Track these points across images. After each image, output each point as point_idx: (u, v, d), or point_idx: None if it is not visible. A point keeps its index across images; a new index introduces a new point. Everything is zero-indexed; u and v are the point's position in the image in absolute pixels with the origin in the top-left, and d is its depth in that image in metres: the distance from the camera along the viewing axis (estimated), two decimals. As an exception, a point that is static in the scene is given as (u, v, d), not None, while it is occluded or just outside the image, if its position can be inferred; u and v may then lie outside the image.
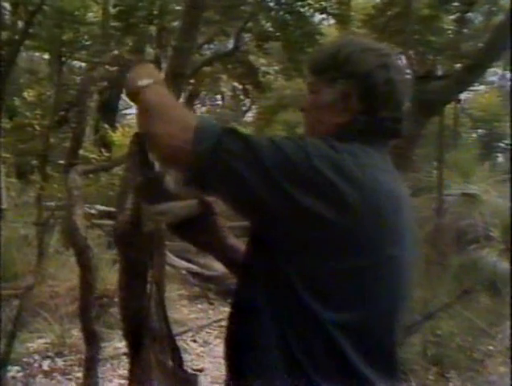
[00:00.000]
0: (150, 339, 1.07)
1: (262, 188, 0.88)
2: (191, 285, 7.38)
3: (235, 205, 0.93)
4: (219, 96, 17.36)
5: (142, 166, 1.04)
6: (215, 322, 5.49)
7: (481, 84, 19.31)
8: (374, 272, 0.90)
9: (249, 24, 5.83)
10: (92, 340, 1.21)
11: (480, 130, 14.17)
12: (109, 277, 3.99)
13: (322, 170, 0.89)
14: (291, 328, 0.89)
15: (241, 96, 12.62)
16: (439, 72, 6.95)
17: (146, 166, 1.05)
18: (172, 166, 0.99)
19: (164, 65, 3.22)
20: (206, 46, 9.09)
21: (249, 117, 18.41)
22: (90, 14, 6.86)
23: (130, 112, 12.79)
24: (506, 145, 12.25)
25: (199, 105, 19.02)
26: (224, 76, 9.03)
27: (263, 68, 8.66)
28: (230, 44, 6.35)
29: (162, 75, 1.06)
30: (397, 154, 1.16)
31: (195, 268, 7.82)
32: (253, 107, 16.96)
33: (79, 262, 1.22)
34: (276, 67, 9.81)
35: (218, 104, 18.13)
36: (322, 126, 1.04)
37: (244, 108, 17.58)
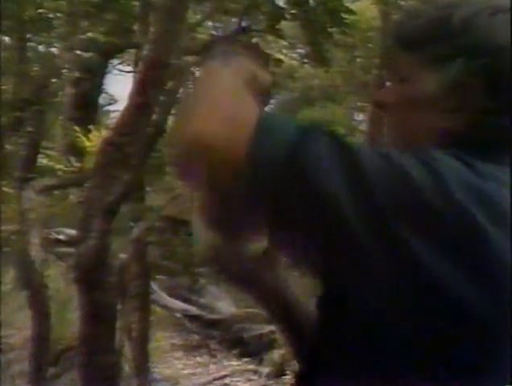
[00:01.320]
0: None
1: (362, 229, 0.69)
2: (187, 332, 7.51)
3: (311, 249, 0.74)
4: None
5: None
6: (217, 379, 5.57)
7: None
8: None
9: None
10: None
11: None
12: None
13: (469, 210, 0.71)
14: None
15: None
16: None
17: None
18: (223, 184, 0.73)
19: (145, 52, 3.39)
20: (210, 24, 9.32)
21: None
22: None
23: (114, 108, 12.91)
24: None
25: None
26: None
27: (282, 54, 8.84)
28: (235, 25, 6.56)
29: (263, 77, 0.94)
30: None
31: (193, 309, 7.96)
32: (272, 101, 17.19)
33: (32, 305, 1.27)
34: (301, 51, 9.95)
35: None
36: (418, 135, 0.87)
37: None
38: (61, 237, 6.04)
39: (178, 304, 7.71)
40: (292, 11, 6.45)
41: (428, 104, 0.88)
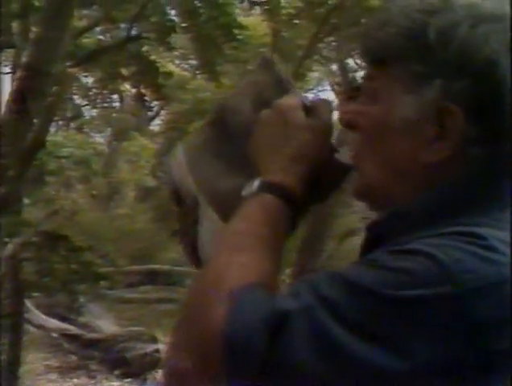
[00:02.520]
0: None
1: None
2: (65, 353, 7.19)
3: None
4: (117, 96, 17.26)
5: None
6: (96, 404, 5.37)
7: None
8: None
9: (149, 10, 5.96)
10: None
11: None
12: None
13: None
14: None
15: (147, 98, 12.66)
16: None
17: None
18: None
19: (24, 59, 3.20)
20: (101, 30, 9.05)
21: (157, 125, 18.44)
22: None
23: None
24: None
25: (88, 107, 18.80)
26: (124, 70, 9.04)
27: (174, 64, 8.75)
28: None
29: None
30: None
31: (72, 329, 7.63)
32: (163, 112, 17.01)
33: None
34: (194, 62, 9.92)
35: (115, 107, 18.01)
36: (398, 165, 0.77)
37: (150, 114, 17.58)
38: None
39: (55, 323, 7.35)
40: (183, 24, 6.44)
41: (405, 130, 0.76)
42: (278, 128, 0.84)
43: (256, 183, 0.82)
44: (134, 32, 6.33)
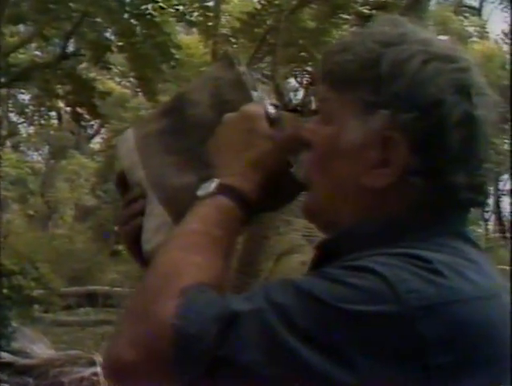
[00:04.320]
0: None
1: None
2: (-5, 382, 6.92)
3: None
4: (54, 113, 16.93)
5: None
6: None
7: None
8: None
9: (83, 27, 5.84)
10: None
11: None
12: None
13: None
14: None
15: (86, 116, 12.49)
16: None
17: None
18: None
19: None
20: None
21: (97, 143, 18.17)
22: None
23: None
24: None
25: (24, 124, 18.35)
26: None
27: (114, 82, 8.64)
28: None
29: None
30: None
31: (4, 356, 7.35)
32: (103, 130, 16.79)
33: None
34: (134, 80, 9.87)
35: (52, 125, 17.65)
36: (342, 188, 0.80)
37: (90, 132, 17.32)
38: None
39: (-14, 349, 7.07)
40: (119, 43, 6.35)
41: (351, 154, 0.79)
42: (241, 133, 0.86)
43: (213, 185, 0.83)
44: (69, 50, 6.23)
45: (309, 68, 10.04)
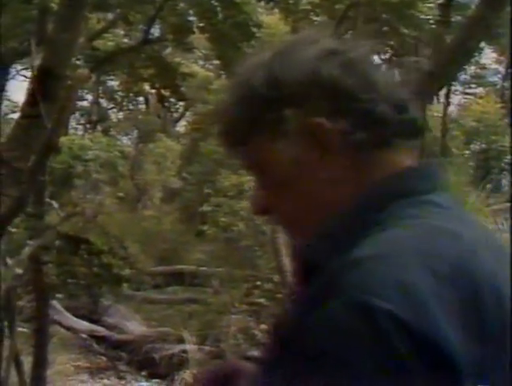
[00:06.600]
0: None
1: None
2: (94, 354, 7.22)
3: None
4: (142, 99, 17.34)
5: None
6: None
7: (480, 85, 19.69)
8: None
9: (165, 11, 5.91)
10: None
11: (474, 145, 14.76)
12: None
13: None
14: None
15: (172, 99, 12.69)
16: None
17: None
18: None
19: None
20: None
21: (182, 126, 18.46)
22: None
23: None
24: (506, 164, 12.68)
25: (114, 110, 18.93)
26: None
27: (197, 65, 8.73)
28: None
29: None
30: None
31: (100, 330, 7.66)
32: (188, 113, 17.03)
33: None
34: (217, 62, 9.91)
35: (140, 110, 18.11)
36: (316, 213, 0.81)
37: (175, 115, 17.63)
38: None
39: (84, 325, 7.41)
40: (200, 24, 6.37)
41: (299, 167, 0.81)
42: None
43: None
44: (154, 35, 6.32)
45: (392, 43, 9.73)
